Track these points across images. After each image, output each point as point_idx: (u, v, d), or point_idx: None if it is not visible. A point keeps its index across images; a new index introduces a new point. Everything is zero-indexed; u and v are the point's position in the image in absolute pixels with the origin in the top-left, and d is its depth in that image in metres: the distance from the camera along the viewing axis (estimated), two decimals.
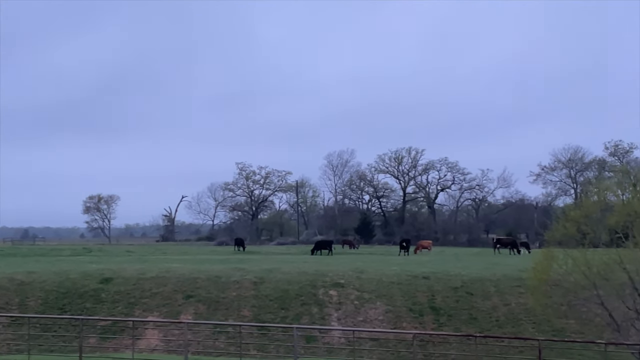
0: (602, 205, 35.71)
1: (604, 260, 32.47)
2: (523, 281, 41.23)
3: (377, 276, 44.97)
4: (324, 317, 40.24)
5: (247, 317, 40.12)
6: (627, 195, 35.37)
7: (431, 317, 40.53)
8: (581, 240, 34.26)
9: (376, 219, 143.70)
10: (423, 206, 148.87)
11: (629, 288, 32.20)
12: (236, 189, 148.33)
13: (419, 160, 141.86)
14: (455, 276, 45.33)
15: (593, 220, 34.66)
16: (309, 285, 43.25)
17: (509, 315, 40.74)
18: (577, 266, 32.80)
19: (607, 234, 34.34)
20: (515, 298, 42.09)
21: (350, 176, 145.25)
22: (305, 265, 50.73)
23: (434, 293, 42.78)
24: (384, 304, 41.43)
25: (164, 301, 41.66)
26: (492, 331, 38.63)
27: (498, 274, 45.84)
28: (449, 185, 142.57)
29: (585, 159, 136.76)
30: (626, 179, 45.33)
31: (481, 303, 41.90)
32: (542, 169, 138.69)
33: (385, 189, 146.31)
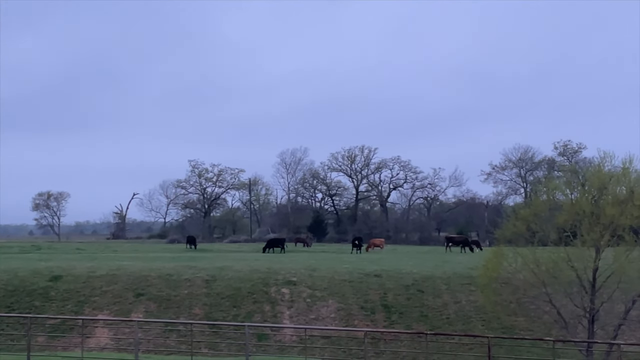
0: (551, 204, 36.23)
1: (553, 258, 32.95)
2: (473, 279, 41.66)
3: (330, 274, 45.05)
4: (276, 315, 40.21)
5: (199, 315, 39.91)
6: (576, 194, 35.92)
7: (383, 314, 40.73)
8: (530, 238, 34.73)
9: (329, 217, 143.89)
10: (375, 204, 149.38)
11: (576, 286, 32.71)
12: (188, 186, 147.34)
13: (372, 159, 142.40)
14: (407, 274, 45.60)
15: (542, 219, 35.14)
16: (261, 283, 43.16)
17: (460, 313, 41.11)
18: (527, 264, 33.25)
19: (556, 233, 34.82)
20: (466, 296, 42.50)
21: (304, 174, 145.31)
22: (257, 263, 50.60)
23: (385, 291, 42.98)
24: (336, 302, 41.52)
25: (115, 299, 41.24)
26: (443, 328, 38.96)
27: (449, 272, 46.22)
28: (401, 184, 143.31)
29: (535, 158, 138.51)
30: (575, 178, 46.13)
31: (432, 301, 42.22)
32: (492, 168, 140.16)
33: (338, 187, 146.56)
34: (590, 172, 38.26)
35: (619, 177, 34.05)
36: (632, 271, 31.62)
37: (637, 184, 34.47)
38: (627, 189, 34.02)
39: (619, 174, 34.03)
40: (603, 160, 34.67)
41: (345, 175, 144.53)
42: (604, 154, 34.53)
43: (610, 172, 34.24)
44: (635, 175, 34.52)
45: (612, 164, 34.44)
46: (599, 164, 35.28)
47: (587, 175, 39.62)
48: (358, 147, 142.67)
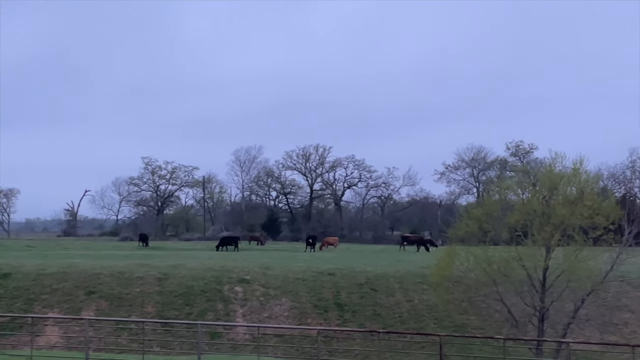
0: (503, 204, 36.63)
1: (504, 257, 33.32)
2: (426, 278, 41.94)
3: (283, 272, 44.99)
4: (229, 314, 40.05)
5: (151, 313, 39.60)
6: (527, 194, 36.35)
7: (336, 313, 40.80)
8: (483, 237, 35.07)
9: (283, 216, 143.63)
10: (330, 203, 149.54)
11: (527, 285, 33.13)
12: (141, 183, 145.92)
13: (327, 158, 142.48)
14: (360, 273, 45.73)
15: (494, 218, 35.52)
16: (214, 282, 42.95)
17: (412, 312, 41.36)
18: (478, 263, 33.57)
19: (508, 232, 35.22)
20: (418, 294, 42.76)
21: (258, 172, 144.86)
22: (210, 261, 50.34)
23: (339, 289, 43.06)
24: (290, 300, 41.50)
25: (65, 297, 40.71)
26: (395, 327, 39.15)
27: (402, 271, 46.46)
28: (355, 183, 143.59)
29: (488, 158, 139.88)
30: (526, 178, 46.69)
31: (385, 299, 42.41)
32: (446, 168, 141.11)
33: (293, 186, 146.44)
34: (542, 173, 38.76)
35: (569, 177, 34.53)
36: (582, 270, 32.10)
37: (587, 185, 35.02)
38: (577, 189, 34.52)
39: (570, 174, 34.51)
40: (554, 160, 35.15)
41: (300, 173, 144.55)
42: (556, 154, 35.02)
43: (561, 173, 34.70)
44: (585, 176, 35.07)
45: (563, 164, 34.94)
46: (550, 164, 35.75)
47: (538, 175, 40.13)
48: (313, 145, 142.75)
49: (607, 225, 32.59)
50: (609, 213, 32.80)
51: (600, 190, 48.67)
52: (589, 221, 32.74)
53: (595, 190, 37.75)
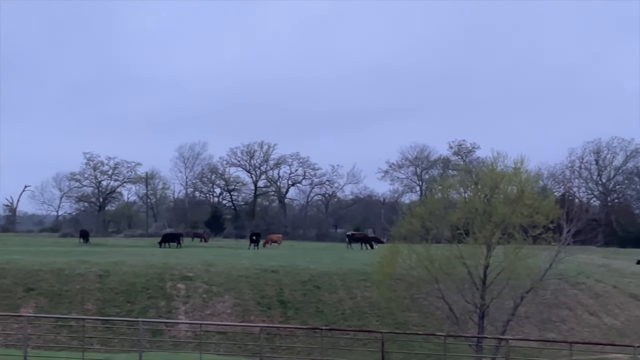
0: (446, 202, 37.03)
1: (446, 255, 33.68)
2: (369, 275, 42.19)
3: (227, 270, 44.82)
4: (171, 311, 39.77)
5: (91, 310, 39.11)
6: (469, 193, 36.80)
7: (279, 310, 40.81)
8: (425, 235, 35.40)
9: (227, 213, 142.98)
10: (274, 200, 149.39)
11: (468, 282, 33.53)
12: (83, 179, 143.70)
13: (271, 155, 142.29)
14: (304, 270, 45.81)
15: (437, 216, 35.88)
16: (156, 279, 42.60)
17: (355, 309, 41.57)
18: (421, 261, 33.85)
19: (450, 230, 35.63)
20: (361, 292, 43.00)
21: (202, 169, 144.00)
22: (153, 258, 49.89)
23: (282, 287, 43.08)
24: (233, 298, 41.37)
25: (3, 294, 39.96)
26: (338, 324, 39.31)
27: (345, 268, 46.65)
28: (299, 180, 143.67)
29: (431, 157, 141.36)
30: (468, 177, 47.25)
31: (328, 296, 42.55)
32: (390, 166, 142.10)
33: (237, 183, 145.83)
34: (484, 172, 39.26)
35: (510, 176, 35.04)
36: (521, 268, 32.61)
37: (527, 184, 35.57)
38: (518, 188, 35.03)
39: (511, 173, 35.02)
40: (496, 160, 35.64)
41: (244, 170, 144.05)
42: (497, 154, 35.51)
43: (503, 172, 35.19)
44: (525, 176, 35.62)
45: (504, 164, 35.43)
46: (492, 163, 36.24)
47: (480, 174, 40.62)
48: (257, 142, 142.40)
49: (546, 224, 33.15)
50: (548, 212, 33.37)
51: (540, 190, 49.47)
52: (528, 220, 33.25)
53: (535, 189, 38.36)
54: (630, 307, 45.79)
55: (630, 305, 45.99)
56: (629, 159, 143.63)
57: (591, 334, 41.55)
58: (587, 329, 42.27)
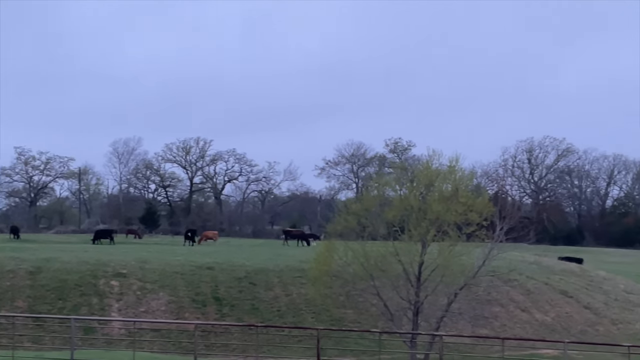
0: (382, 199, 37.18)
1: (382, 252, 33.85)
2: (305, 272, 42.19)
3: (161, 266, 44.38)
4: (104, 308, 39.21)
5: (22, 308, 38.32)
6: (405, 190, 37.00)
7: (214, 307, 40.57)
8: (361, 232, 35.52)
9: (162, 209, 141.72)
10: (210, 197, 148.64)
11: (403, 279, 33.76)
12: (14, 174, 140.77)
13: (207, 151, 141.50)
14: (240, 267, 45.63)
15: (372, 214, 36.03)
16: (89, 275, 41.93)
17: (290, 305, 41.56)
18: (356, 258, 33.96)
19: (385, 227, 35.79)
20: (297, 288, 43.01)
21: (137, 165, 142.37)
22: (86, 254, 49.09)
23: (217, 283, 42.83)
24: (167, 295, 40.98)
25: None
26: (274, 321, 39.25)
27: (281, 265, 46.62)
28: (236, 177, 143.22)
29: (367, 155, 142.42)
30: (404, 175, 47.57)
31: (264, 293, 42.46)
32: (326, 164, 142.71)
33: (172, 179, 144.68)
34: (419, 169, 39.61)
35: (445, 174, 35.38)
36: (455, 265, 32.96)
37: (462, 182, 35.96)
38: (452, 186, 35.39)
39: (446, 171, 35.36)
40: (431, 158, 35.93)
41: (180, 166, 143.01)
42: (433, 152, 35.79)
43: (438, 170, 35.51)
44: (460, 174, 36.01)
45: (439, 162, 35.75)
46: (428, 161, 36.54)
47: (415, 172, 40.96)
48: (193, 138, 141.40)
49: (480, 221, 33.55)
50: (482, 210, 33.79)
51: (474, 188, 50.15)
52: (463, 217, 33.61)
53: (469, 187, 38.82)
54: (560, 303, 46.75)
55: (561, 302, 46.95)
56: (560, 158, 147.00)
57: (523, 329, 42.30)
58: (518, 325, 43.01)
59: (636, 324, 45.45)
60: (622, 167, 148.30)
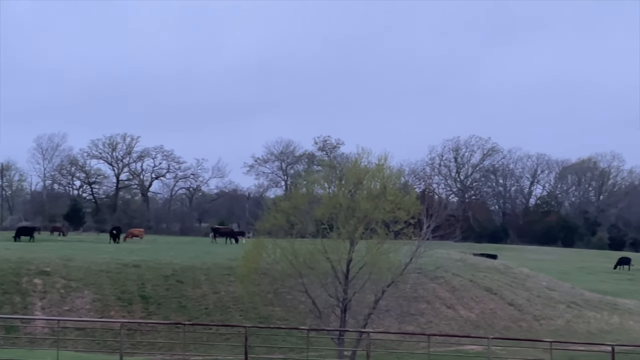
0: (310, 197, 37.29)
1: (310, 250, 33.94)
2: (233, 270, 42.02)
3: (86, 264, 43.62)
4: (27, 307, 38.36)
5: None
6: (334, 188, 37.16)
7: (140, 305, 40.08)
8: (290, 230, 35.56)
9: (87, 206, 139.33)
10: (137, 194, 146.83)
11: (331, 277, 33.92)
12: None
13: (134, 147, 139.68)
14: (167, 265, 45.17)
15: (301, 211, 36.11)
16: (11, 274, 40.95)
17: (218, 303, 41.33)
18: (285, 255, 34.00)
19: (314, 225, 35.90)
20: (225, 286, 42.78)
21: (61, 161, 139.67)
22: (7, 252, 47.92)
23: (144, 281, 42.33)
24: (92, 293, 40.32)
25: None
26: (201, 319, 38.98)
27: (209, 263, 46.31)
28: (163, 174, 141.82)
29: (296, 152, 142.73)
30: (333, 173, 47.76)
31: (191, 291, 42.13)
32: (255, 161, 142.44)
33: (98, 175, 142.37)
34: (348, 167, 39.82)
35: (374, 172, 35.65)
36: (383, 263, 33.26)
37: (390, 180, 36.31)
38: (381, 184, 35.69)
39: (374, 169, 35.63)
40: (360, 156, 36.16)
41: (106, 163, 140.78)
42: (362, 150, 36.03)
43: (366, 168, 35.75)
44: (388, 172, 36.34)
45: (368, 160, 36.00)
46: (356, 159, 36.76)
47: (344, 170, 41.19)
48: (120, 134, 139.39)
49: (407, 219, 33.94)
50: (410, 208, 34.16)
51: (401, 186, 50.62)
52: (390, 215, 33.93)
53: (397, 185, 39.21)
54: (485, 300, 47.55)
55: (485, 299, 47.75)
56: (485, 157, 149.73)
57: (448, 326, 42.91)
58: (444, 321, 43.61)
59: (558, 319, 46.52)
60: (545, 167, 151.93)
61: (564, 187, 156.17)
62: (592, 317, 47.91)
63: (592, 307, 50.38)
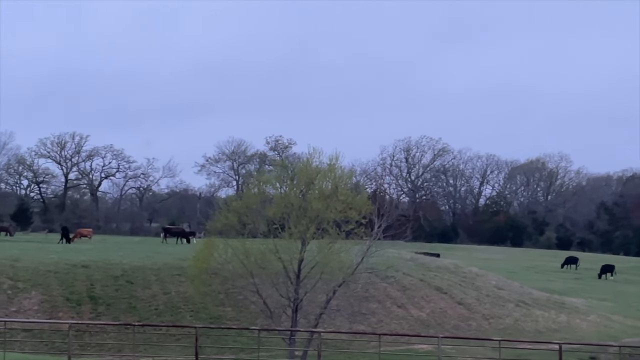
0: (262, 197, 37.19)
1: (262, 250, 33.88)
2: (184, 270, 41.74)
3: (34, 265, 42.94)
4: None
5: None
6: (285, 188, 37.13)
7: (89, 306, 39.59)
8: (241, 230, 35.45)
9: (35, 205, 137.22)
10: (86, 193, 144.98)
11: (282, 276, 33.89)
12: None
13: (84, 147, 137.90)
14: (116, 265, 44.69)
15: (253, 211, 36.00)
16: None
17: (169, 304, 41.02)
18: (236, 255, 33.88)
19: (266, 225, 35.81)
20: (176, 287, 42.48)
21: (8, 159, 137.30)
22: None
23: (93, 282, 41.82)
24: (40, 294, 39.72)
25: None
26: (151, 320, 38.65)
27: (159, 263, 45.94)
28: (113, 173, 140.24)
29: (248, 152, 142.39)
30: (284, 173, 47.67)
31: (141, 292, 41.74)
32: (206, 160, 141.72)
33: (46, 175, 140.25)
34: (300, 167, 39.80)
35: (325, 172, 35.70)
36: (334, 262, 33.32)
37: (341, 180, 36.40)
38: (332, 184, 35.76)
39: (326, 169, 35.69)
40: (312, 156, 36.19)
41: (55, 162, 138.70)
42: (313, 150, 36.06)
43: (318, 168, 35.79)
44: (340, 172, 36.42)
45: (320, 160, 36.03)
46: (308, 159, 36.77)
47: (296, 170, 41.15)
48: (69, 133, 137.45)
49: (358, 219, 34.05)
50: (361, 208, 34.29)
51: (353, 186, 50.76)
52: (342, 215, 34.01)
53: (348, 185, 39.33)
54: (435, 299, 47.93)
55: (435, 298, 48.13)
56: (436, 158, 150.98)
57: (399, 325, 43.15)
58: (395, 320, 43.84)
59: (506, 318, 47.10)
60: (494, 167, 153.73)
61: (512, 187, 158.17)
62: (540, 315, 48.60)
63: (540, 306, 51.11)
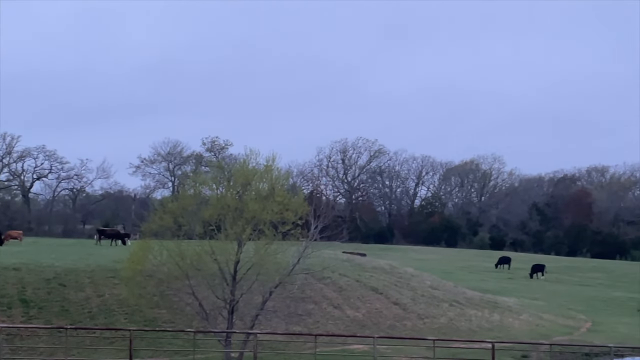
0: (198, 198, 36.94)
1: (197, 251, 33.65)
2: (118, 272, 41.20)
3: None
4: None
5: None
6: (222, 189, 36.95)
7: (20, 309, 38.83)
8: (177, 231, 35.15)
9: None
10: (17, 195, 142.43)
11: (218, 278, 33.72)
12: None
13: (15, 147, 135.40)
14: (48, 267, 43.96)
15: (189, 212, 35.73)
16: None
17: (102, 307, 40.48)
18: (172, 257, 33.58)
19: (202, 226, 35.58)
20: (109, 289, 41.97)
21: None
22: None
23: (24, 285, 41.04)
24: None
25: None
26: (85, 323, 38.10)
27: (93, 265, 45.33)
28: (45, 174, 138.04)
29: (184, 153, 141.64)
30: (221, 174, 47.45)
31: (74, 294, 41.11)
32: (142, 161, 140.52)
33: None
34: (236, 169, 39.64)
35: (262, 174, 35.64)
36: (271, 264, 33.28)
37: (278, 181, 36.36)
38: (269, 185, 35.71)
39: (262, 171, 35.62)
40: (248, 157, 36.06)
41: None
42: (250, 151, 35.95)
43: (255, 169, 35.70)
44: (277, 173, 36.39)
45: (256, 161, 35.92)
46: (245, 160, 36.65)
47: (233, 171, 40.97)
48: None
49: (295, 220, 34.06)
50: (298, 209, 34.32)
51: (290, 187, 50.79)
52: (279, 216, 33.99)
53: (285, 186, 39.28)
54: (371, 299, 48.24)
55: (371, 298, 48.45)
56: (372, 159, 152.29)
57: (335, 326, 43.31)
58: (331, 321, 43.99)
59: (441, 318, 47.65)
60: (429, 168, 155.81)
61: (447, 188, 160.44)
62: (474, 315, 49.31)
63: (474, 305, 51.87)
